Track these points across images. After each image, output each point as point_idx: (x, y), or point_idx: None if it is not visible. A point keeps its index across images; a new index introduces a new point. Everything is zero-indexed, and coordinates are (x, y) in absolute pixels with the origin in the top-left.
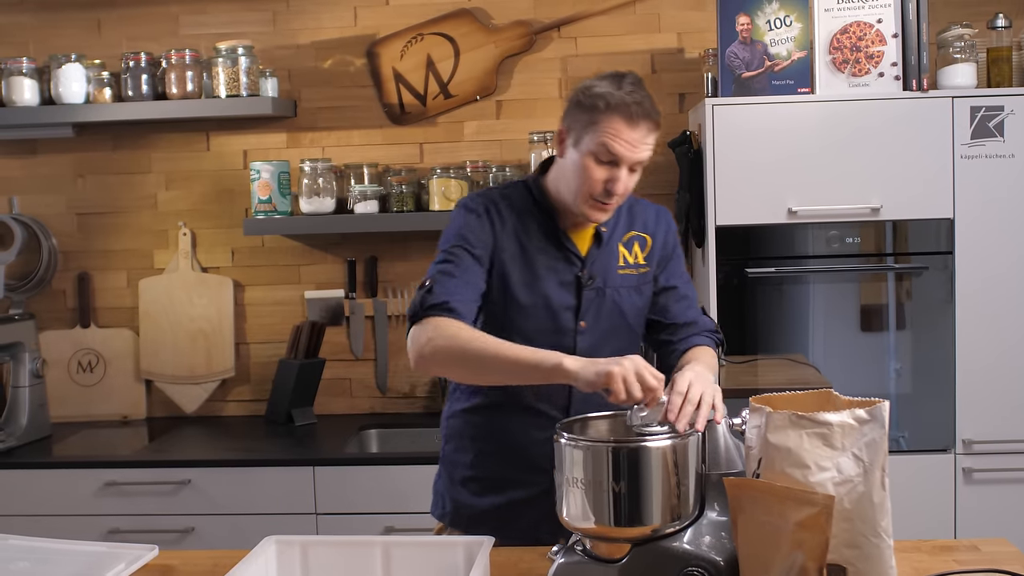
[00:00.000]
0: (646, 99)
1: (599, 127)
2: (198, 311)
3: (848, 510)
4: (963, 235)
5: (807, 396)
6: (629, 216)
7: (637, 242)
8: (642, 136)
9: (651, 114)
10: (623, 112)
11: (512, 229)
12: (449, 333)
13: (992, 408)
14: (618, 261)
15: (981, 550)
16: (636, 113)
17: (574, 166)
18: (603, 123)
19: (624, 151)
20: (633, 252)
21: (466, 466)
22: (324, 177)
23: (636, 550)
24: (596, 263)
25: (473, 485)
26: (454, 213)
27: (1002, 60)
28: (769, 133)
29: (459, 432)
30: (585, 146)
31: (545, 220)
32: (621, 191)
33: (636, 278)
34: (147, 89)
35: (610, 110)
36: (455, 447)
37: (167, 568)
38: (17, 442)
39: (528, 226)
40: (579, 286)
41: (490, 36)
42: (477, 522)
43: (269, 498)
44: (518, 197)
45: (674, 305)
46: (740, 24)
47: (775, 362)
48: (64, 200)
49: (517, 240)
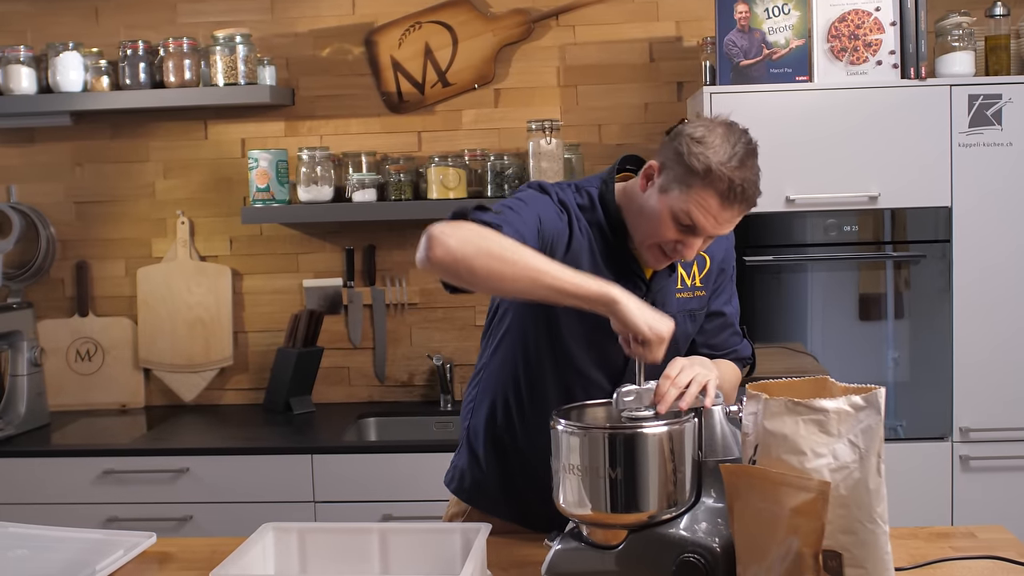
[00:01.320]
0: (749, 180)
1: (692, 191)
2: (196, 300)
3: (844, 496)
4: (961, 223)
5: (803, 383)
6: None
7: (696, 262)
8: (732, 216)
9: (750, 198)
10: (722, 189)
11: (586, 240)
12: (481, 233)
13: (989, 396)
14: (677, 284)
15: (978, 537)
16: (735, 196)
17: (652, 211)
18: (697, 189)
19: (707, 225)
20: (691, 273)
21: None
22: (322, 165)
23: (632, 536)
24: (661, 289)
25: (492, 459)
26: (537, 187)
27: (1000, 48)
28: (767, 121)
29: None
30: (670, 201)
31: (616, 235)
32: (689, 257)
33: (692, 302)
34: (145, 77)
35: (710, 180)
36: (478, 421)
37: (165, 555)
38: (16, 430)
39: (597, 236)
40: None
41: (488, 24)
42: (493, 500)
43: (267, 486)
44: (592, 207)
45: (718, 335)
46: (738, 12)
47: (773, 351)
48: (62, 189)
49: (589, 253)
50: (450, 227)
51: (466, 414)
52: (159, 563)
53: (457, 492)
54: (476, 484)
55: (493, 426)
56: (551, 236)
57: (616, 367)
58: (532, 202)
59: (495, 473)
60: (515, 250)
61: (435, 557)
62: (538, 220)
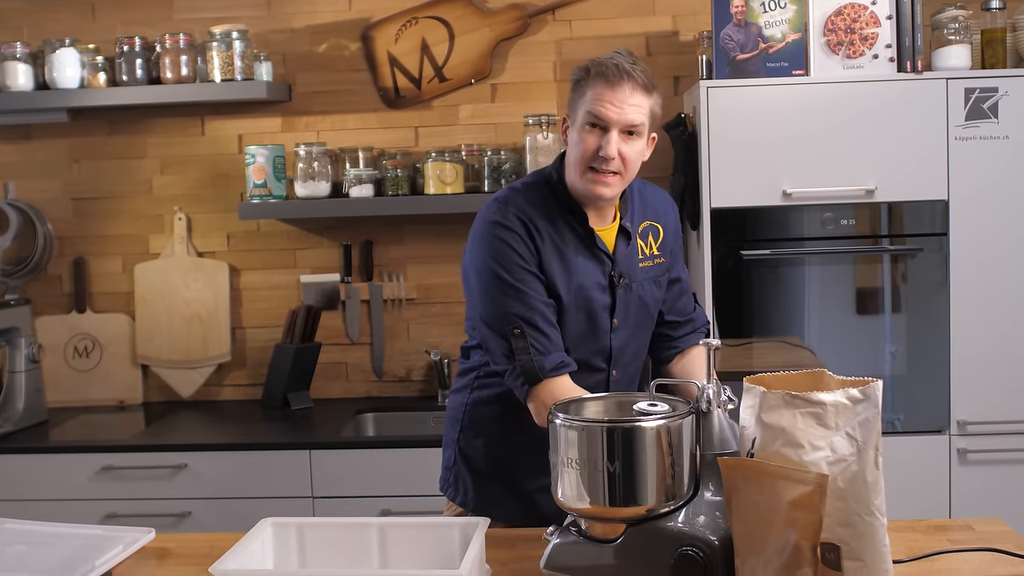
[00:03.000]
0: (628, 61)
1: (585, 97)
2: (194, 296)
3: (842, 489)
4: (957, 217)
5: (801, 376)
6: (643, 204)
7: (651, 233)
8: (626, 96)
9: (632, 73)
10: (603, 75)
11: (548, 237)
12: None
13: (986, 389)
14: (638, 254)
15: (975, 530)
16: (615, 73)
17: (573, 144)
18: (588, 91)
19: (609, 112)
20: (649, 243)
21: (490, 456)
22: (319, 161)
23: (631, 530)
24: (624, 260)
25: (497, 473)
26: (487, 231)
27: (996, 42)
28: (764, 115)
29: (481, 421)
30: (578, 119)
31: (575, 220)
32: (613, 154)
33: (654, 269)
34: (142, 74)
35: (591, 77)
36: (474, 435)
37: (164, 551)
38: (13, 427)
39: (560, 230)
40: (612, 285)
41: (485, 19)
42: (502, 509)
43: (265, 482)
44: (542, 198)
45: (679, 300)
46: (735, 6)
47: (770, 345)
48: (59, 185)
49: (555, 247)
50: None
51: (456, 417)
52: (158, 558)
53: (464, 504)
54: (482, 495)
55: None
56: (535, 263)
57: (605, 349)
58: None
59: (493, 472)
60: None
61: (434, 551)
62: (534, 277)
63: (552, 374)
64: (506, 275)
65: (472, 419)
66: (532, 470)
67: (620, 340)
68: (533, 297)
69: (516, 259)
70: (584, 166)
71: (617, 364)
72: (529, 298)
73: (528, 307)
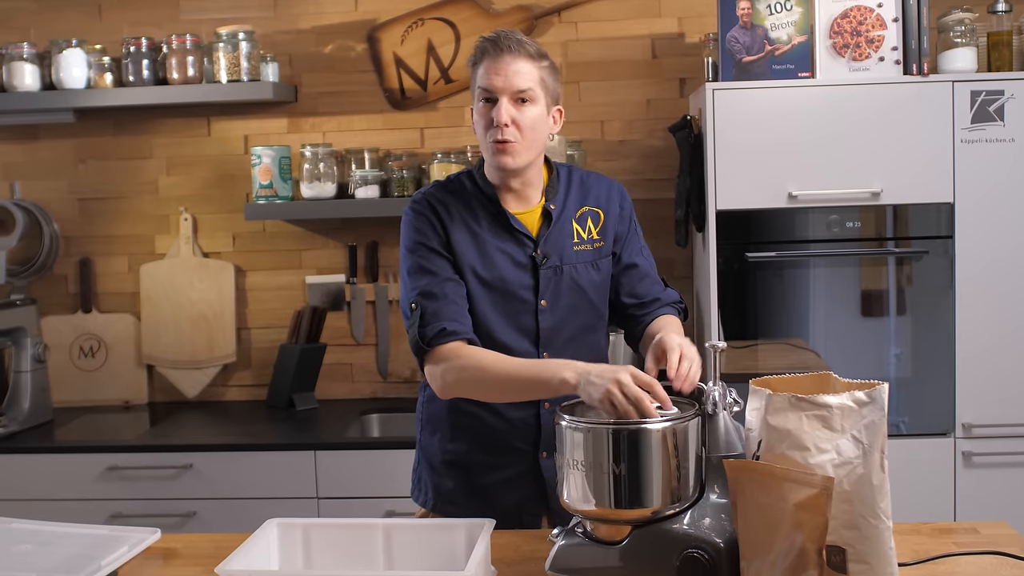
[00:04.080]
0: (503, 33)
1: (476, 77)
2: (199, 296)
3: (847, 492)
4: (963, 219)
5: (806, 379)
6: (581, 191)
7: (590, 217)
8: (508, 64)
9: (508, 41)
10: (485, 50)
11: (460, 219)
12: (459, 364)
13: (992, 392)
14: (573, 238)
15: (981, 533)
16: (491, 47)
17: (475, 123)
18: (478, 71)
19: (494, 81)
20: (587, 228)
21: (444, 451)
22: (325, 162)
23: (636, 532)
24: (549, 241)
25: (452, 469)
26: (403, 219)
27: (1002, 44)
28: (769, 118)
29: (436, 416)
30: (474, 99)
31: (490, 205)
32: (504, 119)
33: (591, 253)
34: (148, 74)
35: (478, 55)
36: (431, 431)
37: (169, 551)
38: (19, 427)
39: (476, 213)
40: (535, 266)
41: (491, 21)
42: (459, 506)
43: (271, 482)
44: (462, 187)
45: (638, 284)
46: (741, 8)
47: (775, 347)
48: (65, 185)
49: (467, 228)
50: (432, 372)
51: (419, 416)
52: (163, 559)
53: (424, 504)
54: (439, 492)
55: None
56: (437, 243)
57: (531, 331)
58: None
59: (458, 475)
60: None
61: (439, 553)
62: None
63: (436, 342)
64: (413, 256)
65: (428, 416)
66: (485, 464)
67: (549, 322)
68: (434, 274)
69: (422, 239)
70: (484, 140)
71: (548, 347)
72: (428, 275)
73: (427, 282)
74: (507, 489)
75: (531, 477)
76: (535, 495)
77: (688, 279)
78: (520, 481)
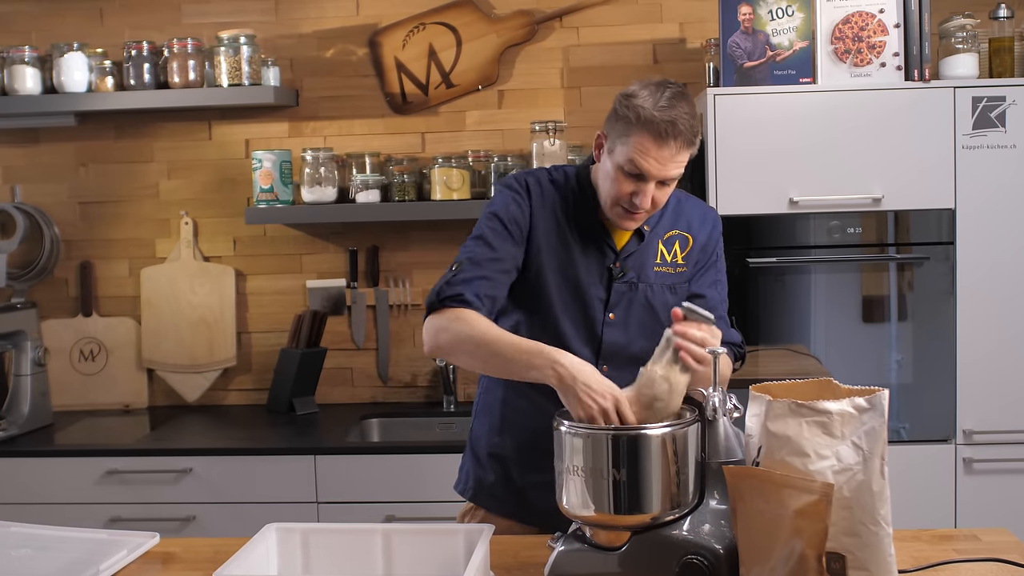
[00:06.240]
0: (681, 116)
1: (629, 140)
2: (200, 300)
3: (847, 498)
4: (964, 226)
5: (807, 385)
6: (675, 214)
7: (678, 241)
8: (672, 155)
9: (683, 133)
10: (652, 129)
11: (552, 206)
12: (458, 327)
13: (992, 398)
14: (656, 258)
15: (981, 539)
16: (667, 132)
17: (606, 174)
18: (633, 137)
19: (651, 168)
20: (673, 251)
21: (491, 443)
22: (326, 166)
23: (636, 538)
24: (632, 258)
25: (495, 463)
26: (496, 189)
27: (1004, 50)
28: (771, 123)
29: (490, 407)
30: (616, 157)
31: (588, 207)
32: (648, 206)
33: (673, 276)
34: (149, 78)
35: (641, 125)
36: (482, 421)
37: (168, 555)
38: (19, 430)
39: (569, 208)
40: (610, 278)
41: (492, 25)
42: (498, 500)
43: (270, 487)
44: (565, 180)
45: None
46: (742, 14)
47: (776, 353)
48: (66, 189)
49: (555, 218)
50: (431, 324)
51: (475, 405)
52: (162, 563)
53: (463, 493)
54: (481, 485)
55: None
56: (515, 227)
57: (595, 342)
58: (495, 214)
59: (499, 470)
60: (486, 340)
61: (438, 558)
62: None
63: (449, 303)
64: (487, 224)
65: (482, 405)
66: (526, 463)
67: (613, 336)
68: (493, 249)
69: (503, 214)
70: (615, 204)
71: (608, 361)
72: (488, 248)
73: (482, 253)
74: (545, 492)
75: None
76: None
77: None
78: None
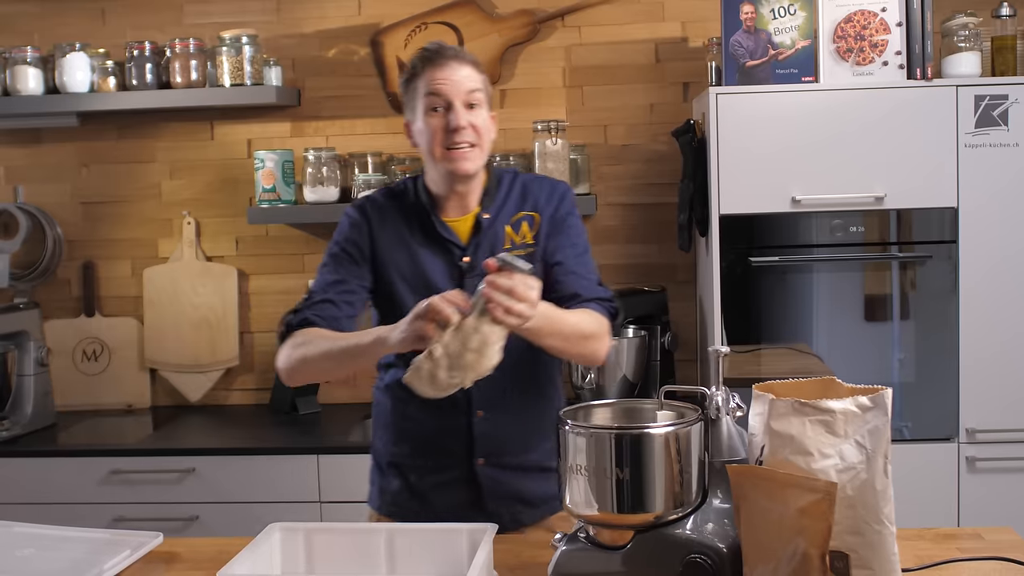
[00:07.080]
0: (445, 45)
1: (419, 88)
2: (202, 300)
3: (851, 497)
4: (967, 224)
5: (810, 384)
6: (521, 197)
7: (526, 222)
8: (455, 71)
9: (455, 51)
10: (426, 63)
11: (393, 221)
12: (303, 339)
13: (995, 397)
14: (504, 244)
15: (985, 538)
16: (438, 54)
17: (420, 133)
18: (420, 83)
19: (446, 88)
20: (521, 232)
21: (390, 453)
22: (328, 166)
23: (639, 537)
24: (480, 249)
25: (396, 471)
26: (341, 217)
27: (1007, 49)
28: (773, 122)
29: (383, 418)
30: (418, 109)
31: (427, 212)
32: (463, 123)
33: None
34: (151, 78)
35: (417, 69)
36: (380, 433)
37: (172, 555)
38: (22, 430)
39: (411, 221)
40: (462, 274)
41: (494, 25)
42: (402, 507)
43: (273, 486)
44: (404, 193)
45: (557, 281)
46: (744, 13)
47: (779, 351)
48: (69, 189)
49: (398, 231)
50: (280, 353)
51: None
52: (166, 563)
53: (370, 503)
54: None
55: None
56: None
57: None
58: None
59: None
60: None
61: (441, 558)
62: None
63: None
64: (331, 254)
65: (376, 417)
66: (424, 468)
67: None
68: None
69: (345, 244)
70: (441, 147)
71: None
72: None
73: (323, 279)
74: (444, 493)
75: (466, 483)
76: (471, 501)
77: (691, 284)
78: (456, 486)
